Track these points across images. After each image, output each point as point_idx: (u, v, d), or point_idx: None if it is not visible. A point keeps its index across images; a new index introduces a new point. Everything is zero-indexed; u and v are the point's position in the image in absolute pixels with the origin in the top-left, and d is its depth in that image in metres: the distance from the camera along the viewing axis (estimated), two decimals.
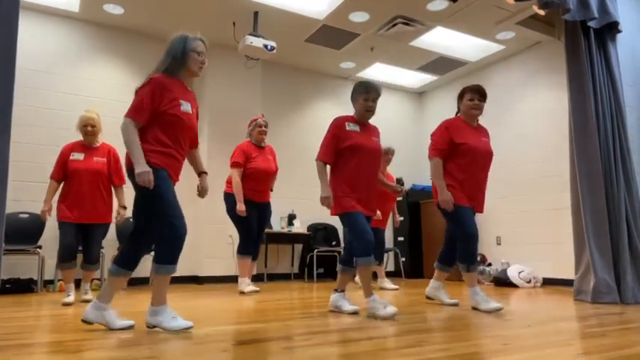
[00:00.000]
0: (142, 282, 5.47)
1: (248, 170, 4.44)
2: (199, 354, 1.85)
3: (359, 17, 5.44)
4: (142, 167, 2.31)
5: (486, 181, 3.44)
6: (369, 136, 3.16)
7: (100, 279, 5.01)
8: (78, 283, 5.05)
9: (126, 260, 2.46)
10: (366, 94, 3.10)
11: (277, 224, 6.32)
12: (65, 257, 3.62)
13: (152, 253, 2.48)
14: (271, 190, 4.69)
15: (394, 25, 5.57)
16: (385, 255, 7.13)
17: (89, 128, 3.75)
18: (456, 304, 3.50)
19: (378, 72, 7.12)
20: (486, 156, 3.37)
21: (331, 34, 5.87)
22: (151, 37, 5.96)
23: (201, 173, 2.76)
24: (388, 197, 5.00)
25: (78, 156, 3.71)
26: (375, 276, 5.44)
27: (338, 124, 3.11)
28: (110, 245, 5.21)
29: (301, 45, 6.19)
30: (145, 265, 4.70)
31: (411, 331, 2.37)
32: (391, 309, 2.82)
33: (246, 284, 4.43)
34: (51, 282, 4.85)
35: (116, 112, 5.62)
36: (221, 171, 5.89)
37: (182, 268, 5.68)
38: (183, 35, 2.54)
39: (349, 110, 3.33)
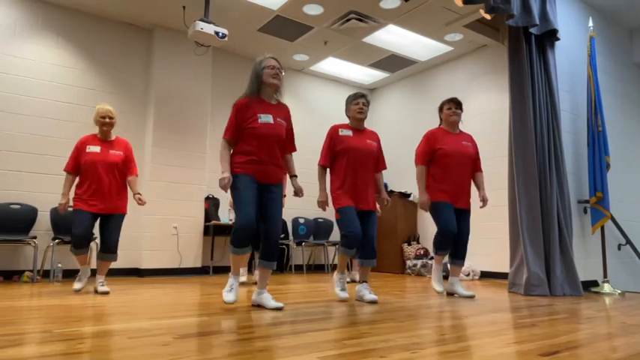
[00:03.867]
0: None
1: None
2: (137, 348, 1.78)
3: (313, 10, 5.42)
4: (221, 175, 2.87)
5: (468, 178, 3.86)
6: (363, 139, 3.51)
7: (32, 270, 4.72)
8: (8, 275, 4.74)
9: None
10: (355, 99, 3.53)
11: (225, 216, 6.22)
12: (79, 245, 3.64)
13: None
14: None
15: (348, 20, 5.60)
16: (332, 248, 7.22)
17: (107, 120, 3.79)
18: (472, 296, 3.71)
19: (331, 66, 7.14)
20: (464, 157, 3.81)
21: (285, 25, 5.82)
22: (94, 17, 5.65)
23: (291, 177, 3.18)
24: None
25: (94, 148, 3.76)
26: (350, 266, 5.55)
27: (332, 131, 3.53)
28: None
29: (254, 34, 6.09)
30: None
31: (353, 323, 2.40)
32: (344, 294, 3.44)
33: (241, 274, 4.65)
34: None
35: (56, 95, 5.31)
36: (167, 159, 5.71)
37: (122, 259, 5.50)
38: (257, 60, 3.04)
39: (303, 103, 3.45)
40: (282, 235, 6.48)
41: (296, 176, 3.17)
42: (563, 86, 4.70)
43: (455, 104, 3.87)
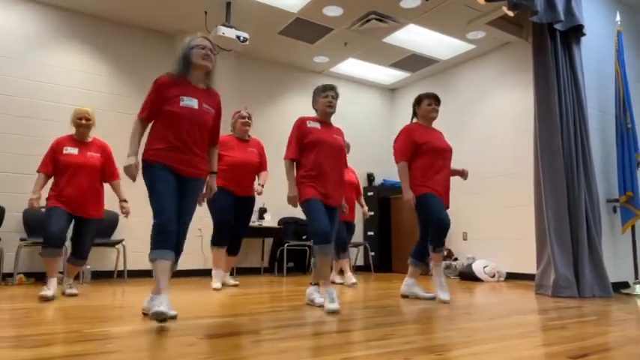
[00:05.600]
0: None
1: (224, 161, 4.31)
2: (166, 347, 1.82)
3: (333, 11, 5.43)
4: (127, 161, 2.55)
5: (449, 174, 3.70)
6: (331, 133, 3.29)
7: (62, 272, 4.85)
8: (39, 276, 4.88)
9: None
10: (325, 92, 3.28)
11: None
12: (53, 242, 3.37)
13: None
14: (261, 187, 4.37)
15: (368, 21, 5.59)
16: (355, 249, 7.20)
17: (84, 121, 3.66)
18: (432, 298, 3.57)
19: (351, 67, 7.13)
20: (446, 151, 3.67)
21: (305, 28, 5.85)
22: (119, 25, 5.78)
23: (210, 173, 2.86)
24: (349, 188, 5.00)
25: (72, 150, 3.61)
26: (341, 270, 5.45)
27: (299, 123, 3.27)
28: None
29: (274, 37, 6.13)
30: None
31: (378, 325, 2.40)
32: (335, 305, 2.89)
33: (218, 278, 4.25)
34: (10, 275, 4.67)
35: (81, 101, 5.44)
36: None
37: (148, 262, 5.59)
38: (186, 39, 2.74)
39: None
40: (304, 237, 6.50)
41: (215, 173, 2.91)
42: (590, 83, 4.58)
43: (435, 100, 3.70)
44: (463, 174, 3.75)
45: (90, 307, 2.96)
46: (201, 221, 5.82)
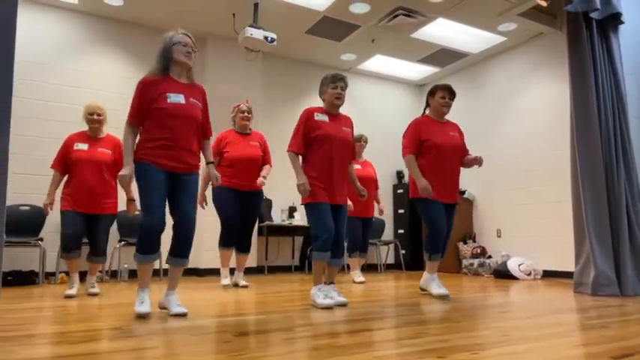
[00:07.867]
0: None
1: (224, 157, 4.14)
2: (200, 344, 1.86)
3: (360, 8, 5.41)
4: (122, 171, 2.57)
5: (457, 171, 3.59)
6: (339, 126, 3.20)
7: (102, 271, 5.02)
8: (82, 276, 5.07)
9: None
10: (334, 83, 3.17)
11: (278, 217, 6.32)
12: (69, 247, 3.50)
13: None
14: (263, 179, 4.16)
15: (395, 17, 5.54)
16: (385, 247, 7.16)
17: (95, 117, 3.68)
18: (447, 295, 3.46)
19: (378, 64, 7.08)
20: (453, 149, 3.54)
21: (332, 26, 5.84)
22: (151, 29, 5.92)
23: (208, 163, 2.92)
24: (368, 183, 4.92)
25: (82, 146, 3.63)
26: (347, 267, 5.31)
27: (306, 115, 3.16)
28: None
29: (302, 37, 6.15)
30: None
31: (410, 323, 2.38)
32: (329, 300, 2.98)
33: (223, 277, 4.27)
34: (52, 274, 4.87)
35: (116, 105, 5.61)
36: None
37: None
38: (166, 34, 2.75)
39: (351, 103, 3.34)
40: None
41: (212, 163, 2.90)
42: (629, 71, 4.40)
43: (449, 93, 3.56)
44: (477, 161, 3.55)
45: (128, 305, 3.05)
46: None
